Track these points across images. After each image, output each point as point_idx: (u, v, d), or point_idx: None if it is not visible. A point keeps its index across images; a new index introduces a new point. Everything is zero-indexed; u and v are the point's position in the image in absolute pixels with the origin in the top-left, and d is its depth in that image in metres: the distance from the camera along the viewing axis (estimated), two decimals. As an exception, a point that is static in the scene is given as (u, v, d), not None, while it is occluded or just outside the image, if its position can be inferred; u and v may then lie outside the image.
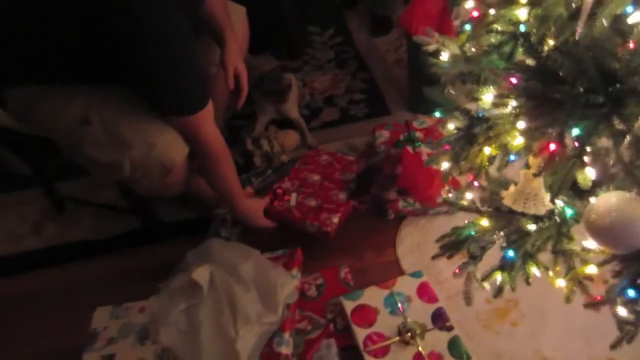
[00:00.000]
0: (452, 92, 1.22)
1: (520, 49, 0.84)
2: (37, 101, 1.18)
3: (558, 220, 0.93)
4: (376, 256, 1.49)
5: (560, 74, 0.80)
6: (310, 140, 1.81)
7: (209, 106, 1.20)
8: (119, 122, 1.17)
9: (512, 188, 0.97)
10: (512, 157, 0.98)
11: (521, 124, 0.83)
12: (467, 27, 1.16)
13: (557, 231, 0.93)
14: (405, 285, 1.36)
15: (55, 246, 1.67)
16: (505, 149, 0.94)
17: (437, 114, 1.08)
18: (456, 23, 1.63)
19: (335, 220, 1.45)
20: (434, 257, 1.11)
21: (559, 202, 0.95)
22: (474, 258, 1.03)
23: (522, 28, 0.84)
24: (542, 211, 0.92)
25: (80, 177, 1.75)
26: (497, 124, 0.88)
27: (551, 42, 0.82)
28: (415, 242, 1.50)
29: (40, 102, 1.18)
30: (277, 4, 2.08)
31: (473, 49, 1.13)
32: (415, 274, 1.38)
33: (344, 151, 1.78)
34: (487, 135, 0.91)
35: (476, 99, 0.98)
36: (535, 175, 0.88)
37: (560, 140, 0.82)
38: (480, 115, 0.93)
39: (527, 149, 0.88)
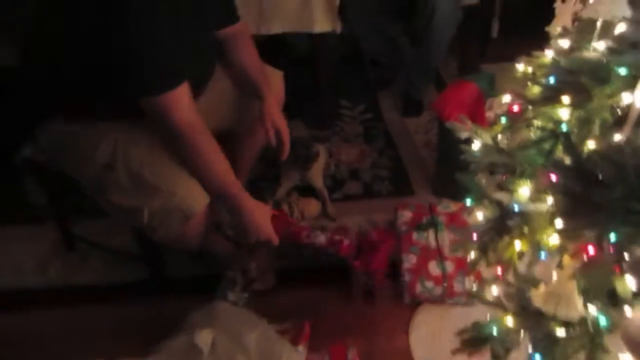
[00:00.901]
0: (483, 180, 1.21)
1: (560, 147, 0.83)
2: (66, 142, 1.20)
3: (591, 328, 0.88)
4: (387, 341, 1.42)
5: (600, 177, 0.78)
6: (330, 210, 1.79)
7: (181, 92, 1.13)
8: (143, 168, 1.19)
9: (542, 287, 0.92)
10: (543, 255, 0.94)
11: (558, 223, 0.80)
12: (503, 119, 1.17)
13: (591, 341, 0.87)
14: (416, 377, 1.28)
15: (59, 287, 1.63)
16: (538, 246, 0.91)
17: (468, 202, 1.05)
18: (489, 114, 1.65)
19: (348, 241, 1.42)
20: (454, 352, 1.04)
21: (592, 309, 0.90)
22: (497, 359, 0.96)
23: (564, 127, 0.83)
24: (574, 316, 0.87)
25: (96, 219, 1.74)
26: (532, 220, 0.85)
27: (592, 144, 0.81)
28: (430, 331, 1.42)
29: (69, 144, 1.20)
30: (314, 74, 2.15)
31: (505, 141, 1.13)
32: (428, 367, 1.30)
33: (364, 226, 1.75)
34: (521, 230, 0.88)
35: (510, 190, 0.96)
36: (570, 278, 0.84)
37: (598, 243, 0.78)
38: (515, 208, 0.90)
39: (562, 249, 0.84)
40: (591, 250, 0.78)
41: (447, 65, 2.53)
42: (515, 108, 1.01)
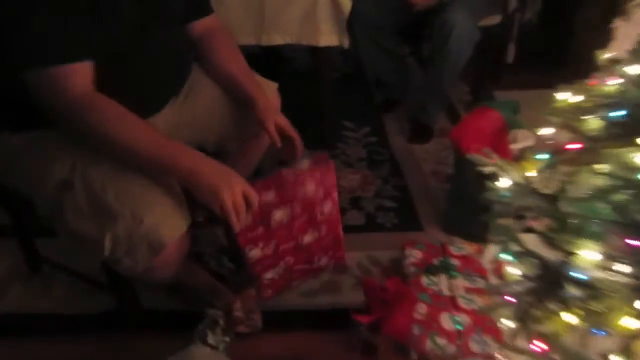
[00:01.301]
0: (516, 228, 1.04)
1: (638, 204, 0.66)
2: (20, 154, 1.01)
3: None
4: (388, 406, 1.22)
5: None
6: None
7: (76, 69, 0.94)
8: (106, 190, 1.00)
9: (598, 375, 0.74)
10: (597, 331, 0.76)
11: (641, 304, 0.62)
12: (543, 156, 0.99)
13: None
14: None
15: (16, 314, 1.42)
16: (597, 322, 0.73)
17: (502, 254, 0.87)
18: (513, 147, 1.48)
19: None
20: None
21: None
22: None
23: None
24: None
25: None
26: (600, 294, 0.67)
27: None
28: (438, 396, 1.23)
29: (23, 157, 1.01)
30: (316, 93, 1.98)
31: (543, 183, 0.96)
32: None
33: (366, 265, 1.56)
34: (581, 304, 0.69)
35: (562, 250, 0.78)
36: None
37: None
38: (574, 274, 0.72)
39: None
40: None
41: (457, 90, 2.38)
42: (572, 146, 0.84)
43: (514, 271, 0.92)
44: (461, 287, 1.35)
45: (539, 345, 0.82)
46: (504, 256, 0.88)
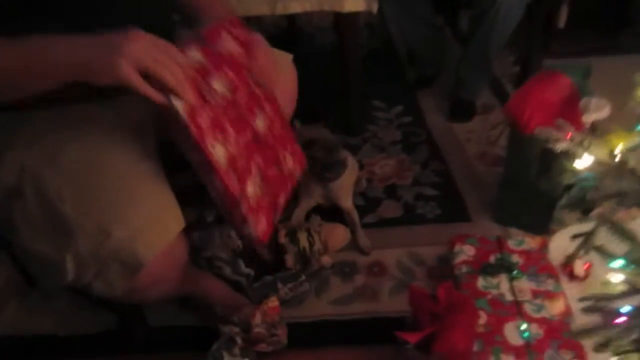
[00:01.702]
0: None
1: None
2: None
3: None
4: None
5: None
6: (363, 241, 1.38)
7: None
8: (63, 198, 0.78)
9: None
10: None
11: None
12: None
13: None
14: None
15: (10, 336, 1.25)
16: None
17: (620, 262, 0.64)
18: (585, 119, 1.22)
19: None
20: None
21: None
22: None
23: None
24: None
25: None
26: None
27: None
28: None
29: None
30: (341, 71, 1.75)
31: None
32: None
33: (407, 264, 1.33)
34: None
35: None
36: None
37: None
38: None
39: None
40: None
41: (501, 61, 2.11)
42: None
43: (616, 277, 0.68)
44: (527, 289, 1.10)
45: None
46: (611, 263, 0.64)
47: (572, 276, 1.15)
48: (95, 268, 0.78)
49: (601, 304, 0.65)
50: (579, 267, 1.14)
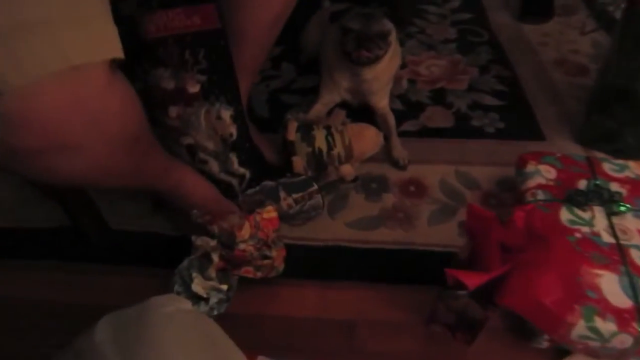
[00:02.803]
0: None
1: None
2: None
3: None
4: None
5: None
6: (398, 152, 1.05)
7: None
8: None
9: None
10: None
11: None
12: None
13: None
14: None
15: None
16: None
17: None
18: None
19: None
20: None
21: None
22: None
23: None
24: None
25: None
26: None
27: None
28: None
29: None
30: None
31: None
32: None
33: (454, 185, 1.00)
34: None
35: None
36: None
37: None
38: None
39: None
40: None
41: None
42: None
43: None
44: (634, 230, 0.77)
45: None
46: None
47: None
48: None
49: None
50: None
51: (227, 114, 0.84)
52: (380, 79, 1.08)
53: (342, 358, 0.76)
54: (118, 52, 0.52)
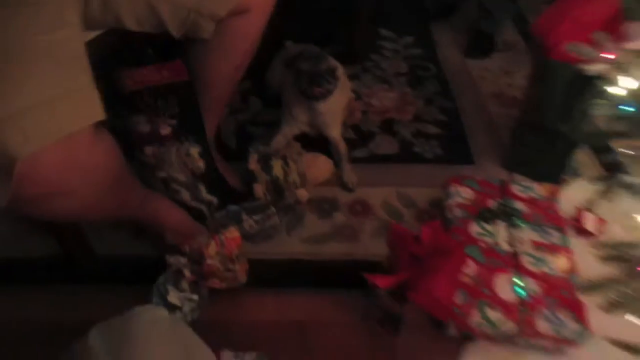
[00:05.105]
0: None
1: None
2: None
3: None
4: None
5: None
6: (348, 176, 1.22)
7: None
8: None
9: None
10: None
11: None
12: None
13: None
14: None
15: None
16: None
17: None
18: (628, 45, 1.01)
19: None
20: None
21: None
22: None
23: None
24: None
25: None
26: None
27: None
28: (484, 391, 0.85)
29: None
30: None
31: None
32: None
33: (394, 204, 1.17)
34: None
35: None
36: None
37: None
38: None
39: None
40: None
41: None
42: None
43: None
44: (527, 240, 0.94)
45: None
46: None
47: (581, 231, 0.98)
48: None
49: (623, 251, 0.49)
50: (591, 221, 0.97)
51: (195, 151, 1.01)
52: (333, 111, 1.25)
53: (295, 352, 0.91)
54: (101, 115, 0.68)
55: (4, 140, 0.60)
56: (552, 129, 1.13)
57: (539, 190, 1.06)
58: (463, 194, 1.06)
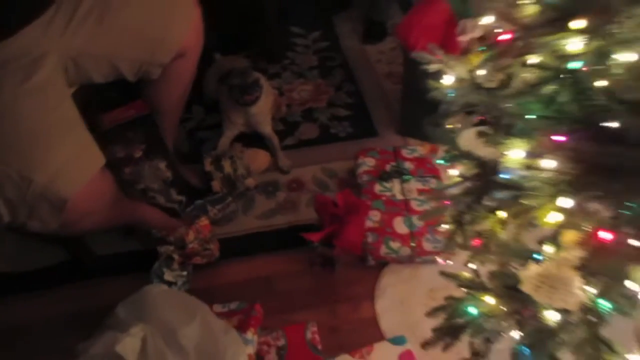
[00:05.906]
0: (458, 127, 1.00)
1: (567, 94, 0.60)
2: None
3: (593, 318, 0.70)
4: (351, 311, 1.25)
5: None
6: (282, 162, 1.56)
7: None
8: None
9: (533, 268, 0.74)
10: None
11: (564, 202, 0.59)
12: (483, 49, 0.94)
13: (592, 334, 0.70)
14: (384, 354, 1.12)
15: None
16: (526, 219, 0.71)
17: (442, 161, 0.84)
18: (462, 39, 1.39)
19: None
20: (425, 346, 0.86)
21: (592, 292, 0.72)
22: (479, 356, 0.79)
23: (574, 65, 0.59)
24: (573, 307, 0.69)
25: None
26: (527, 194, 0.64)
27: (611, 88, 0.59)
28: (398, 297, 1.25)
29: None
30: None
31: (485, 76, 0.91)
32: (397, 340, 1.14)
33: (321, 178, 1.53)
34: (514, 208, 0.67)
35: (496, 146, 0.75)
36: (571, 263, 0.65)
37: (614, 224, 0.59)
38: (503, 174, 0.68)
39: (563, 226, 0.65)
40: (605, 234, 0.58)
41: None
42: (506, 36, 0.76)
43: (453, 171, 0.89)
44: (414, 189, 1.33)
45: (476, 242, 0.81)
46: (444, 161, 0.84)
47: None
48: (26, 210, 0.91)
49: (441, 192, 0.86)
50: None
51: (162, 164, 1.31)
52: (262, 111, 1.57)
53: (266, 296, 1.25)
54: (103, 159, 0.99)
55: (57, 191, 0.90)
56: (424, 102, 1.50)
57: (421, 150, 1.46)
58: (368, 162, 1.44)
